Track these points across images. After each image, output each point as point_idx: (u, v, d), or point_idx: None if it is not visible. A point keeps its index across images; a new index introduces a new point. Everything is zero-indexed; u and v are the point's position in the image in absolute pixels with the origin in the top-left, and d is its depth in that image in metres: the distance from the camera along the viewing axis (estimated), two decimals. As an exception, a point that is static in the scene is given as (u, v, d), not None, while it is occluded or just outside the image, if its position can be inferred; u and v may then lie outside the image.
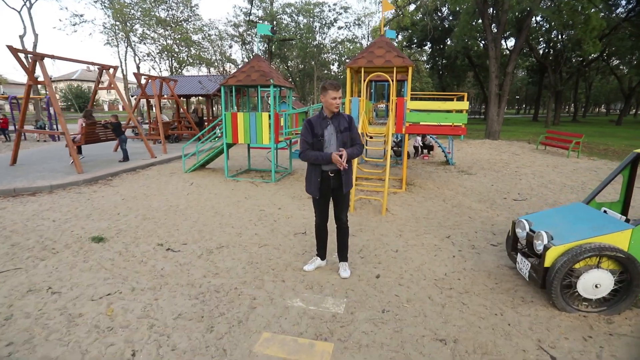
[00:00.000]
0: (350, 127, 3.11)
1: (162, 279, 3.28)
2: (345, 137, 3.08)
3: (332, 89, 2.96)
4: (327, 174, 3.14)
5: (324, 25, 27.02)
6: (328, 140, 3.09)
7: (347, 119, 3.12)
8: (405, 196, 6.44)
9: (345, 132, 3.08)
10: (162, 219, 5.13)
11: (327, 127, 3.09)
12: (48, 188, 6.78)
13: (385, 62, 6.24)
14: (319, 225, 3.41)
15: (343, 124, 3.08)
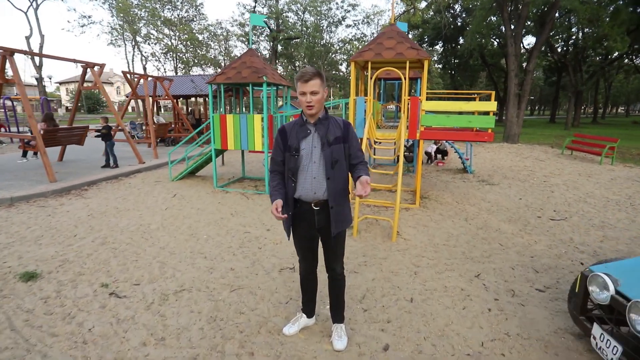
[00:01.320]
0: (347, 137, 2.14)
1: (82, 349, 2.34)
2: (338, 152, 2.09)
3: (300, 79, 1.98)
4: (307, 206, 2.17)
5: (332, 23, 26.05)
6: (307, 157, 2.10)
7: (341, 125, 2.15)
8: (420, 214, 5.43)
9: (337, 145, 2.10)
10: (124, 244, 4.22)
11: (307, 136, 2.12)
12: (8, 200, 5.95)
13: (396, 55, 5.24)
14: (303, 273, 2.46)
15: (334, 132, 2.10)
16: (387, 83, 9.41)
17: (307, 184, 2.13)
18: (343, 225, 2.21)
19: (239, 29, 29.23)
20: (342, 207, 2.17)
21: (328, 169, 2.09)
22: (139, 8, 29.64)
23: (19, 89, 7.22)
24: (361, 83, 6.71)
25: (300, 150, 2.11)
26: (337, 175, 2.11)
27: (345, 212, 2.20)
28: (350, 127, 2.18)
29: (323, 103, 2.08)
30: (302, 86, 1.97)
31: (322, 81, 2.01)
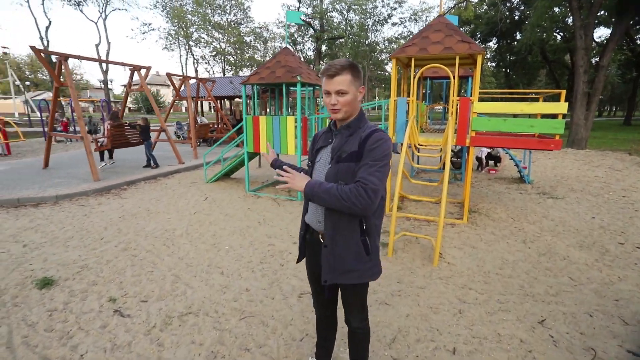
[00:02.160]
0: (362, 154, 1.47)
1: (67, 380, 2.10)
2: (345, 174, 1.49)
3: (324, 73, 1.50)
4: (316, 236, 1.69)
5: (377, 22, 25.25)
6: (318, 173, 1.64)
7: (361, 137, 1.50)
8: (468, 231, 4.71)
9: (347, 164, 1.49)
10: (144, 251, 4.08)
11: (327, 146, 1.65)
12: (53, 199, 6.20)
13: (444, 50, 4.58)
14: (317, 313, 2.00)
15: (351, 145, 1.51)
16: (434, 82, 8.60)
17: (313, 209, 1.68)
18: (346, 278, 1.59)
19: (284, 30, 29.51)
20: (342, 251, 1.56)
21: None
22: (192, 14, 31.17)
23: (71, 92, 7.59)
24: (404, 82, 6.09)
25: (316, 162, 1.68)
26: None
27: (348, 260, 1.56)
28: (369, 140, 1.46)
29: (355, 106, 1.53)
30: (326, 83, 1.49)
31: (353, 77, 1.47)
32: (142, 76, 9.49)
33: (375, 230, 1.62)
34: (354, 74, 1.48)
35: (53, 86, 8.00)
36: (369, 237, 1.58)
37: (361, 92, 1.55)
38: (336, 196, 1.41)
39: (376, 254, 1.64)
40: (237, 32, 30.58)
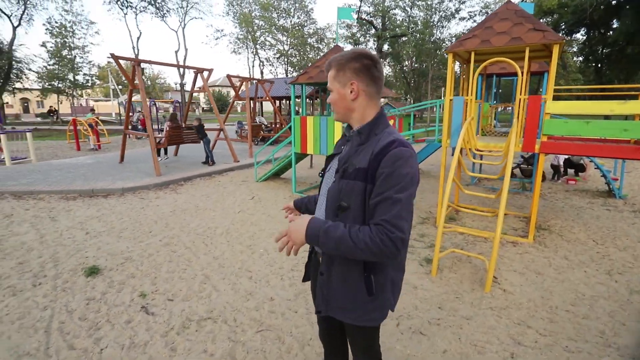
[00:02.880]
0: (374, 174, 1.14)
1: (82, 376, 2.14)
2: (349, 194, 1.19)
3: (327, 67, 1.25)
4: (318, 256, 1.40)
5: (444, 17, 23.77)
6: (324, 185, 1.37)
7: (377, 147, 1.16)
8: (533, 253, 4.01)
9: (352, 182, 1.18)
10: (184, 247, 4.19)
11: (337, 155, 1.38)
12: (120, 191, 6.80)
13: (510, 42, 3.95)
14: (324, 348, 1.74)
15: (360, 158, 1.19)
16: (502, 80, 7.65)
17: None
18: (343, 315, 1.30)
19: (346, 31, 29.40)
20: (337, 283, 1.27)
21: (329, 214, 1.26)
22: (259, 18, 32.73)
23: (141, 93, 8.30)
24: (464, 80, 5.47)
25: (326, 171, 1.41)
26: None
27: (343, 297, 1.27)
28: (386, 157, 1.12)
29: (350, 106, 1.24)
30: (331, 76, 1.26)
31: (337, 71, 1.22)
32: (204, 78, 10.04)
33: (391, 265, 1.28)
34: (339, 67, 1.21)
35: (128, 88, 8.85)
36: (375, 274, 1.24)
37: (353, 88, 1.22)
38: (351, 247, 1.08)
39: (387, 292, 1.29)
40: (299, 34, 31.33)
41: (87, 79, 31.44)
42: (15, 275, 3.45)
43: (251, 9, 32.93)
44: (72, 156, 11.74)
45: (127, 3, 29.74)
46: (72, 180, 7.49)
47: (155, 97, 37.35)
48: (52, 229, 4.77)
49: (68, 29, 28.82)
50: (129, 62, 8.30)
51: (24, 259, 3.82)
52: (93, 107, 20.89)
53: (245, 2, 33.02)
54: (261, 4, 30.76)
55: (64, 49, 29.02)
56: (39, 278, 3.40)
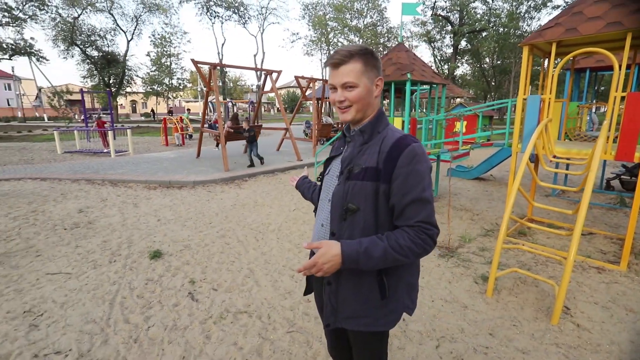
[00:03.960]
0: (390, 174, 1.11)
1: (128, 348, 2.37)
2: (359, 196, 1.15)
3: (327, 63, 1.15)
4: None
5: (533, 7, 21.17)
6: (324, 189, 1.32)
7: (386, 145, 1.14)
8: (625, 284, 3.31)
9: (362, 183, 1.14)
10: (236, 241, 4.42)
11: (338, 156, 1.32)
12: (192, 184, 7.49)
13: (606, 27, 3.29)
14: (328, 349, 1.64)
15: (367, 157, 1.16)
16: (597, 75, 6.45)
17: (315, 231, 1.35)
18: (355, 324, 1.23)
19: (420, 28, 28.18)
20: (347, 291, 1.21)
21: (335, 218, 1.20)
22: (332, 20, 33.22)
23: (215, 95, 9.03)
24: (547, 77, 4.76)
25: (325, 175, 1.35)
26: (350, 235, 1.17)
27: (354, 304, 1.21)
28: (402, 155, 1.10)
29: (372, 103, 1.19)
30: (330, 75, 1.17)
31: (366, 65, 1.13)
32: (272, 79, 10.52)
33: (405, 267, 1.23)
34: (366, 62, 1.13)
35: (205, 90, 9.70)
36: (388, 275, 1.20)
37: (378, 85, 1.19)
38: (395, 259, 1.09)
39: (401, 293, 1.24)
40: (372, 34, 30.96)
41: (179, 83, 35.46)
42: (98, 251, 4.02)
43: (325, 12, 33.57)
44: (160, 151, 13.33)
45: (215, 13, 32.75)
46: (155, 171, 8.49)
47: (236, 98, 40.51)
48: (133, 214, 5.45)
49: (167, 39, 32.87)
50: (207, 66, 9.09)
51: (108, 238, 4.43)
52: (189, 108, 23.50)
53: (320, 5, 33.79)
54: (335, 6, 31.14)
55: (163, 57, 33.19)
56: (115, 256, 3.90)
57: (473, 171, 8.02)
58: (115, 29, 29.72)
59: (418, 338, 2.52)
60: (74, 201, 6.12)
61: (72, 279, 3.36)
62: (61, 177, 7.90)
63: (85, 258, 3.85)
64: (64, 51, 28.26)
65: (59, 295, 3.06)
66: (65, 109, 32.43)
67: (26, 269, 3.58)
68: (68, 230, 4.69)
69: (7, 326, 2.62)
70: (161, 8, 30.45)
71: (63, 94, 32.16)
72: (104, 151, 12.41)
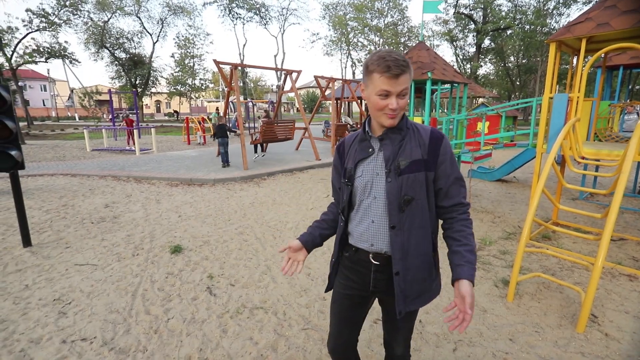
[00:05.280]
0: (435, 161, 1.30)
1: (148, 338, 2.45)
2: (413, 187, 1.27)
3: (385, 71, 1.17)
4: (364, 256, 1.38)
5: (562, 3, 20.31)
6: (364, 189, 1.34)
7: (425, 141, 1.31)
8: (658, 293, 3.13)
9: (413, 175, 1.27)
10: (254, 238, 4.48)
11: (367, 157, 1.34)
12: (212, 181, 7.65)
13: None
14: (331, 352, 1.59)
15: (410, 152, 1.29)
16: (630, 72, 6.11)
17: (362, 229, 1.37)
18: (419, 302, 1.38)
19: (442, 27, 27.65)
20: (417, 275, 1.34)
21: (393, 212, 1.29)
22: (352, 20, 33.13)
23: (236, 94, 9.18)
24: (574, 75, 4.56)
25: (355, 177, 1.36)
26: (410, 223, 1.29)
27: (424, 285, 1.38)
28: (442, 144, 1.31)
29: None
30: (387, 82, 1.18)
31: (410, 75, 1.24)
32: (292, 79, 10.60)
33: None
34: (410, 72, 1.25)
35: (227, 90, 9.89)
36: (435, 251, 1.42)
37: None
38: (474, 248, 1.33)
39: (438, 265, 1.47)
40: (392, 33, 30.66)
41: (202, 83, 36.32)
42: (122, 245, 4.18)
43: (346, 12, 33.52)
44: (183, 149, 13.69)
45: (236, 15, 33.33)
46: (177, 169, 8.73)
47: (256, 99, 41.06)
48: (156, 209, 5.63)
49: (190, 41, 33.74)
50: (228, 66, 9.27)
51: (132, 232, 4.60)
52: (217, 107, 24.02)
53: (341, 5, 33.76)
54: (355, 5, 31.03)
55: (187, 58, 34.09)
56: (137, 250, 4.04)
57: (495, 172, 7.80)
58: (142, 31, 30.82)
59: (435, 340, 2.47)
60: (101, 196, 6.39)
61: (98, 270, 3.51)
62: (90, 173, 8.26)
63: (110, 251, 4.00)
64: (95, 53, 29.57)
65: (85, 285, 3.20)
66: (94, 109, 33.89)
67: (57, 259, 3.77)
68: (95, 224, 4.90)
69: (38, 312, 2.77)
70: (185, 10, 31.28)
71: (93, 94, 33.59)
72: (130, 149, 12.87)
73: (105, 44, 28.55)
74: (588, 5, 19.61)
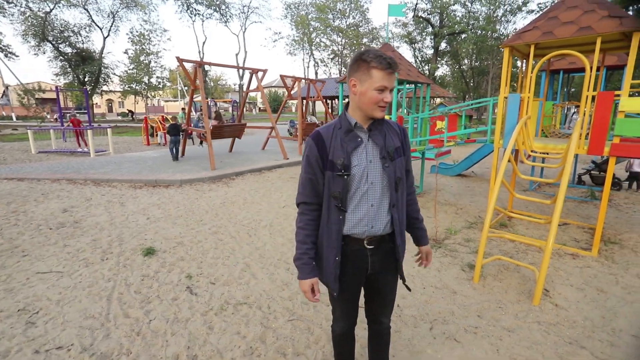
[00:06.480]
0: (405, 148, 1.59)
1: (131, 341, 2.39)
2: (400, 169, 1.53)
3: (380, 66, 1.32)
4: (358, 245, 1.50)
5: (509, 11, 22.01)
6: (361, 177, 1.44)
7: (397, 131, 1.57)
8: (596, 268, 3.59)
9: (399, 159, 1.53)
10: (229, 237, 4.45)
11: (358, 147, 1.45)
12: (179, 182, 7.42)
13: (578, 32, 3.56)
14: (340, 332, 1.77)
15: (392, 141, 1.51)
16: (570, 76, 6.88)
17: (362, 215, 1.47)
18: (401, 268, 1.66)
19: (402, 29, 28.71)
20: (404, 243, 1.62)
21: (392, 192, 1.50)
22: (314, 20, 33.33)
23: (201, 94, 8.95)
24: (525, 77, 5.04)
25: (352, 167, 1.43)
26: (402, 200, 1.57)
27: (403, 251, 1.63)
28: (407, 134, 1.63)
29: None
30: (385, 78, 1.34)
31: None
32: (258, 78, 10.52)
33: None
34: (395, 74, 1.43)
35: (190, 89, 9.60)
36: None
37: None
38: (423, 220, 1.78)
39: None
40: (354, 34, 31.31)
41: (159, 81, 34.64)
42: (89, 250, 3.97)
43: (308, 11, 33.67)
44: (142, 150, 13.05)
45: (195, 11, 32.21)
46: (139, 171, 8.35)
47: (217, 98, 39.94)
48: (121, 212, 5.38)
49: (146, 37, 32.04)
50: (192, 64, 9.01)
51: (97, 237, 4.37)
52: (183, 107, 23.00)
53: (303, 5, 33.86)
54: (317, 6, 31.28)
55: (142, 54, 32.32)
56: (106, 254, 3.86)
57: (455, 168, 8.33)
58: (91, 25, 28.72)
59: (413, 322, 2.66)
60: (57, 201, 5.96)
61: (64, 277, 3.32)
62: (40, 177, 7.65)
63: (75, 257, 3.79)
64: (35, 47, 27.07)
65: (53, 293, 3.03)
66: (36, 108, 31.08)
67: (14, 268, 3.51)
68: (54, 230, 4.59)
69: (2, 325, 2.58)
70: (139, 4, 29.65)
71: (35, 92, 30.78)
72: (84, 150, 12.05)
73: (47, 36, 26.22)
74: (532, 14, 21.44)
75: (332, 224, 1.48)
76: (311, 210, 1.52)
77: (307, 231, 1.52)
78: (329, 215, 1.48)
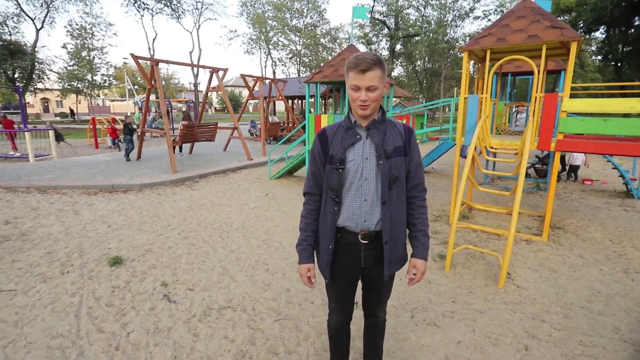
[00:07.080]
0: (409, 148, 1.57)
1: (110, 356, 2.25)
2: (398, 168, 1.53)
3: (353, 68, 1.40)
4: (353, 238, 1.58)
5: (458, 17, 23.52)
6: (355, 172, 1.52)
7: (401, 132, 1.58)
8: (547, 251, 4.01)
9: (397, 158, 1.53)
10: (202, 241, 4.31)
11: (356, 143, 1.53)
12: (138, 187, 7.00)
13: (527, 39, 3.94)
14: (335, 326, 1.84)
15: (392, 140, 1.53)
16: (517, 79, 7.56)
17: (355, 208, 1.55)
18: (398, 266, 1.66)
19: (359, 31, 29.40)
20: (398, 242, 1.61)
21: (384, 189, 1.53)
22: (271, 19, 32.97)
23: (159, 93, 8.52)
24: (479, 79, 5.46)
25: (347, 162, 1.52)
26: (396, 199, 1.56)
27: (401, 250, 1.65)
28: (413, 136, 1.61)
29: (380, 101, 1.50)
30: (355, 78, 1.40)
31: (382, 72, 1.43)
32: (219, 77, 10.23)
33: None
34: (383, 70, 1.43)
35: (146, 88, 9.08)
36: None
37: (387, 87, 1.49)
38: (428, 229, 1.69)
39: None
40: (312, 34, 31.48)
41: (104, 79, 32.22)
42: (44, 264, 3.63)
43: (264, 10, 33.22)
44: (91, 154, 12.10)
45: (143, 5, 30.39)
46: (92, 176, 7.75)
47: (170, 97, 38.02)
48: (76, 221, 4.97)
49: (87, 30, 29.61)
50: (147, 62, 8.53)
51: (52, 249, 4.01)
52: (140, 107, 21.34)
53: (259, 3, 33.35)
54: (274, 4, 31.00)
55: (84, 50, 29.82)
56: (66, 267, 3.56)
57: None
58: (20, 14, 25.89)
59: (394, 312, 2.79)
60: (-3, 212, 5.36)
61: (19, 296, 3.02)
62: (-29, 186, 6.81)
63: (29, 272, 3.46)
64: (-48, 39, 23.83)
65: (7, 314, 2.74)
66: (-44, 108, 27.36)
67: (-46, 289, 3.11)
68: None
69: (-49, 352, 2.30)
70: (78, -5, 27.31)
71: (-47, 90, 27.12)
72: (21, 155, 10.90)
73: (-33, 28, 23.21)
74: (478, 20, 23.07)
75: (327, 214, 1.58)
76: (314, 201, 1.64)
77: (309, 219, 1.64)
78: (326, 205, 1.59)
